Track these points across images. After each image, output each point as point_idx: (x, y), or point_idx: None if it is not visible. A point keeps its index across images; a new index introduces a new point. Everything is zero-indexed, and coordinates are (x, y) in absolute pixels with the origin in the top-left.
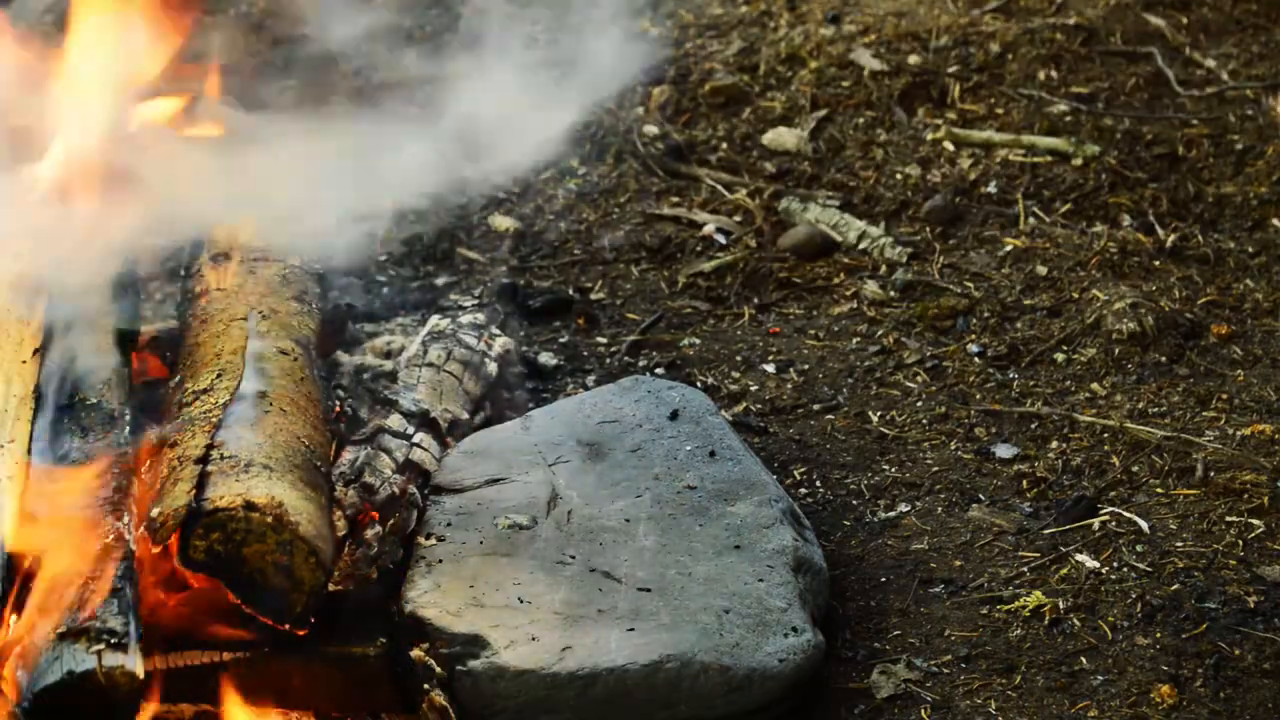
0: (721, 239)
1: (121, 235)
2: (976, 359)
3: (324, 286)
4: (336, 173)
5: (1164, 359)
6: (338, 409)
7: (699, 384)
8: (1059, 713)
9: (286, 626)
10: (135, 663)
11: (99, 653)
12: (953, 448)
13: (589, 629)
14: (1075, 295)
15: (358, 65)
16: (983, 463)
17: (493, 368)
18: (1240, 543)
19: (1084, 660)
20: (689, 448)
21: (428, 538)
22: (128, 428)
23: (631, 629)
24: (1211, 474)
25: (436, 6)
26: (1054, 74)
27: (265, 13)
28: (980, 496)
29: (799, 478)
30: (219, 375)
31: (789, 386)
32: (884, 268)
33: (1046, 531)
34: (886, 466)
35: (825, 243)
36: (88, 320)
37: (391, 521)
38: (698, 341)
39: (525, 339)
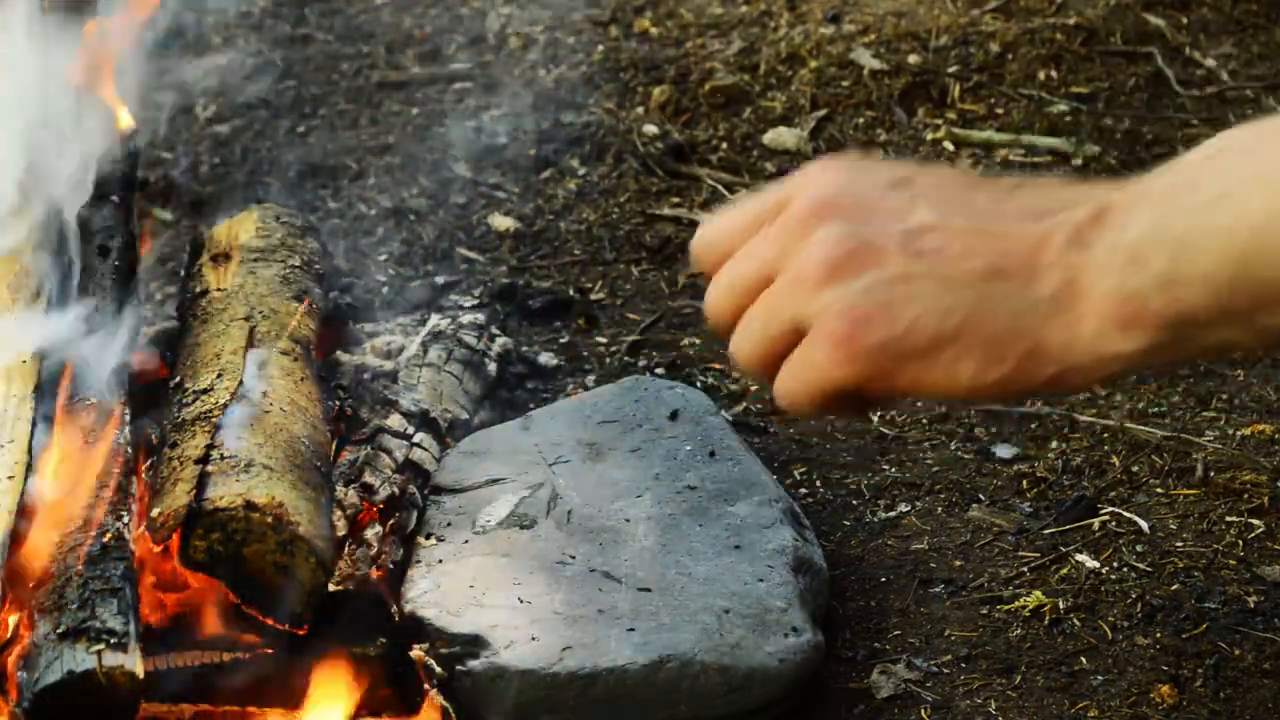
0: None
1: None
2: None
3: (324, 287)
4: None
5: None
6: (337, 409)
7: (699, 384)
8: (1059, 713)
9: (286, 626)
10: (135, 663)
11: (99, 653)
12: (953, 448)
13: (589, 629)
14: None
15: None
16: (983, 463)
17: (493, 368)
18: (1240, 543)
19: (1084, 660)
20: (689, 448)
21: (428, 538)
22: (127, 428)
23: (631, 629)
24: (1211, 474)
25: None
26: (1054, 74)
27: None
28: (980, 496)
29: (799, 478)
30: (219, 375)
31: None
32: None
33: (1046, 531)
34: (886, 466)
35: None
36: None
37: (391, 521)
38: (698, 341)
39: (526, 338)
